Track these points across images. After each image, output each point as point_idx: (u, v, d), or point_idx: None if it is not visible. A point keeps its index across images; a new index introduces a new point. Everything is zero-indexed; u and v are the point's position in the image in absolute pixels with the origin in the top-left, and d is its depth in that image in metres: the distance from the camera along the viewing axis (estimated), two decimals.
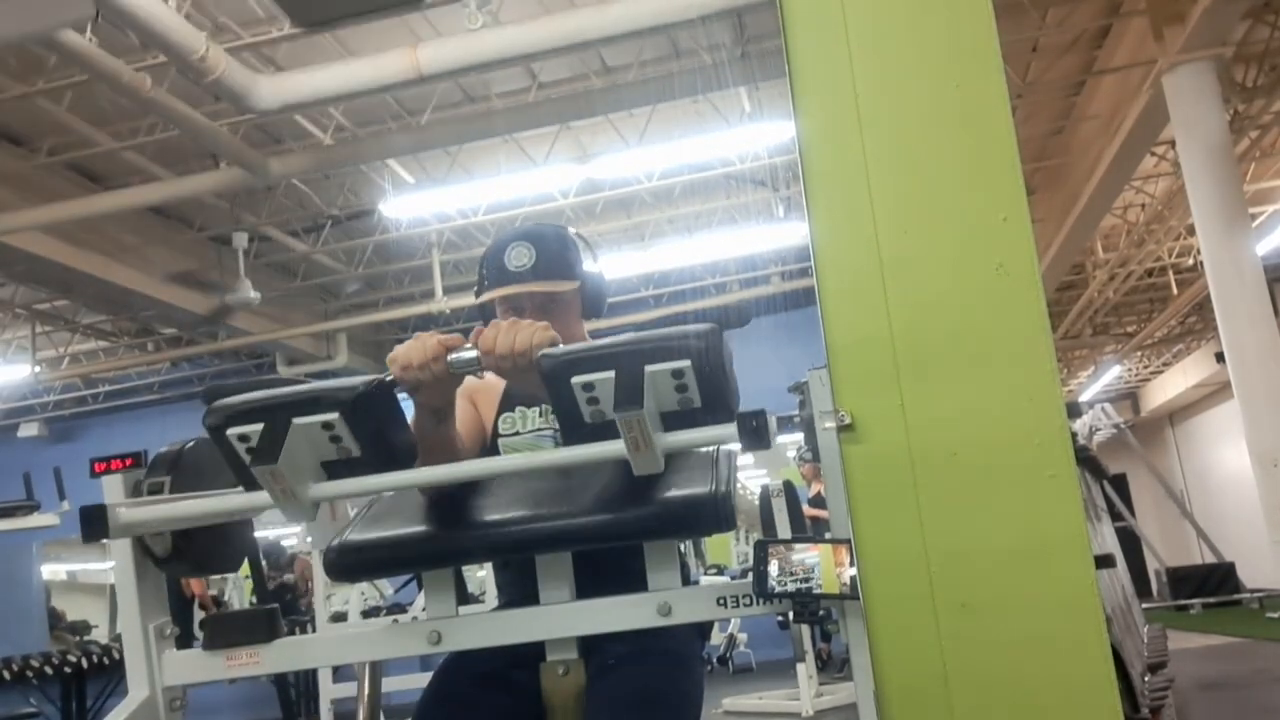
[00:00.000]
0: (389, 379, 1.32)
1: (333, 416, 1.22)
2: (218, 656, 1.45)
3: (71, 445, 11.62)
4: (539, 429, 1.73)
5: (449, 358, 1.34)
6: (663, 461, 1.21)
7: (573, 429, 1.28)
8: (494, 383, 1.79)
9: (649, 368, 1.19)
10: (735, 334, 1.32)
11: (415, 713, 1.54)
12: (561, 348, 1.29)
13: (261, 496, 1.25)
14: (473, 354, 1.35)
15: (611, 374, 1.19)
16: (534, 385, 1.32)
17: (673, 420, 1.24)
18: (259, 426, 1.22)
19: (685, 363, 1.19)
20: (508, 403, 1.76)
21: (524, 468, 1.42)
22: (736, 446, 1.65)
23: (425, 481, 1.38)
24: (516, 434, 1.73)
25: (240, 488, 1.31)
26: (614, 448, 1.21)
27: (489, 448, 1.73)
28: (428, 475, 1.35)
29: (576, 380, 1.21)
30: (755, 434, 1.18)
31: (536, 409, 1.75)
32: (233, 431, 1.23)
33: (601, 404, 1.22)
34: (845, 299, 1.35)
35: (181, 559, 1.48)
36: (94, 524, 1.25)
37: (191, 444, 1.50)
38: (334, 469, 1.28)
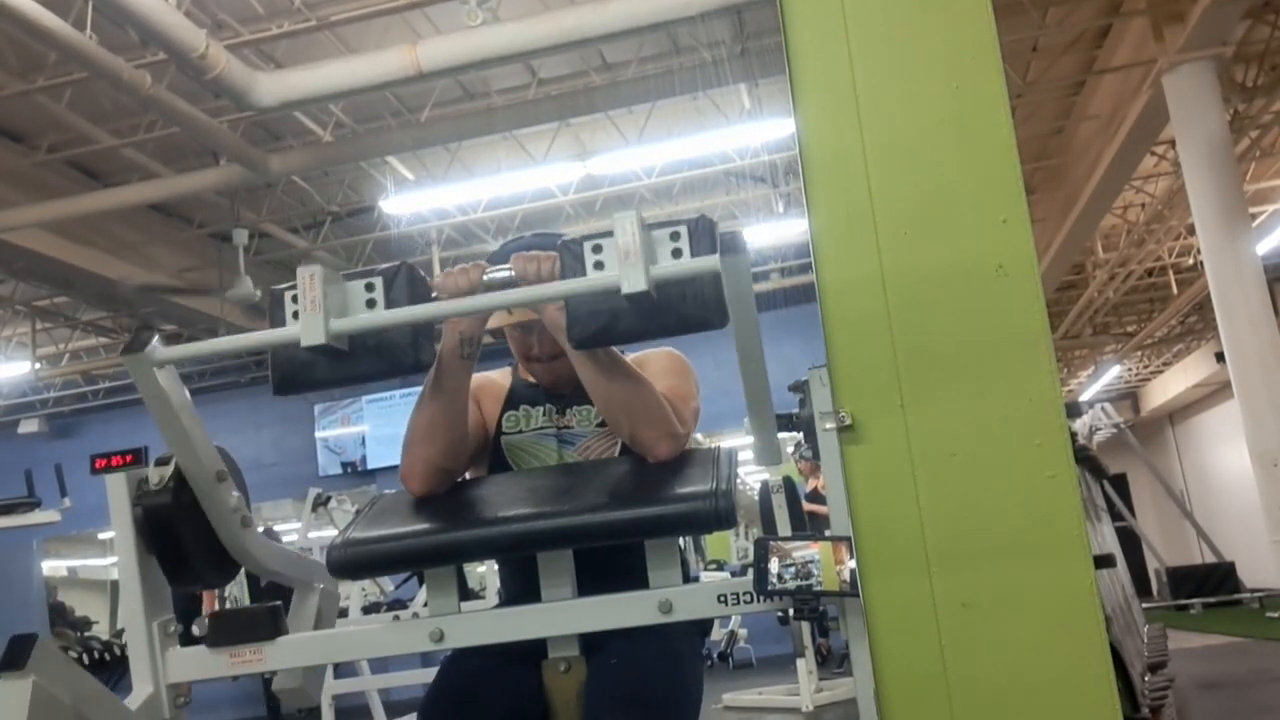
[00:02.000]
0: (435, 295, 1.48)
1: (375, 279, 1.41)
2: (221, 654, 1.46)
3: (72, 442, 11.61)
4: (541, 427, 1.74)
5: (484, 275, 1.50)
6: (648, 281, 1.28)
7: (579, 304, 1.42)
8: (499, 381, 1.82)
9: (653, 231, 1.35)
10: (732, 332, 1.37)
11: (419, 710, 1.55)
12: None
13: (289, 330, 1.36)
14: (507, 271, 1.48)
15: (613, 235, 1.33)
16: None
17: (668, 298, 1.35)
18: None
19: (681, 226, 1.35)
20: (512, 401, 1.78)
21: (518, 301, 1.50)
22: (736, 444, 1.67)
23: (437, 315, 1.42)
24: (520, 432, 1.75)
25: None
26: (607, 276, 1.31)
27: (492, 445, 1.74)
28: (437, 309, 1.41)
29: (588, 244, 1.36)
30: (734, 247, 1.25)
31: (540, 408, 1.76)
32: (290, 293, 1.40)
33: (606, 269, 1.34)
34: (845, 299, 1.36)
35: (178, 563, 1.50)
36: (140, 339, 1.39)
37: None
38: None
